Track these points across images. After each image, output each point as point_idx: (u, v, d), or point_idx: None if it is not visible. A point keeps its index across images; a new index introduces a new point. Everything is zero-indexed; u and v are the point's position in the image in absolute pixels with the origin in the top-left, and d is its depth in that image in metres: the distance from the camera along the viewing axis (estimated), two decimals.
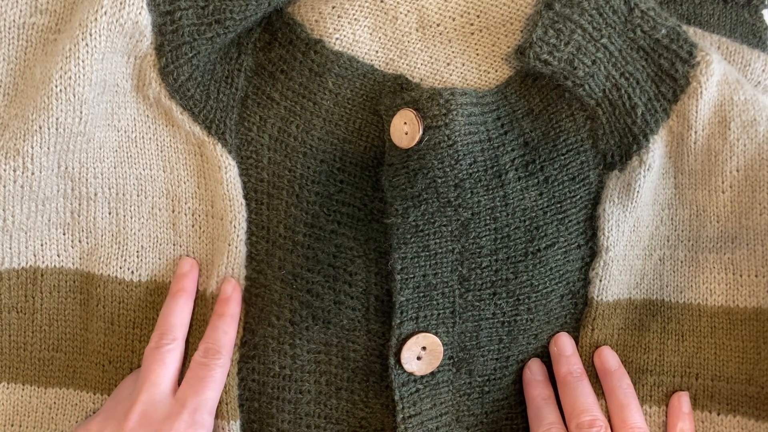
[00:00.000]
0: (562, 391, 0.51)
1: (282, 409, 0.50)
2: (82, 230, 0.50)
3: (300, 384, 0.50)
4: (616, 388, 0.51)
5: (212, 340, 0.49)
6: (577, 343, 0.52)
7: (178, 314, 0.50)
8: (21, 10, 0.48)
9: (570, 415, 0.49)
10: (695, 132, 0.48)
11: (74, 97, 0.46)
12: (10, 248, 0.49)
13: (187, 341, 0.50)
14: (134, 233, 0.50)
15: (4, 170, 0.46)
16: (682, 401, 0.51)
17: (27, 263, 0.50)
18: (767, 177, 0.49)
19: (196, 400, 0.47)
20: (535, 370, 0.52)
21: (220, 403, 0.49)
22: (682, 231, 0.52)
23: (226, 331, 0.49)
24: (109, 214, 0.50)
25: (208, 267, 0.51)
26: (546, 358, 0.52)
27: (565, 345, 0.52)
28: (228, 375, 0.49)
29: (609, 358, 0.52)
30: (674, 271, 0.53)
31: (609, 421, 0.50)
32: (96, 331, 0.50)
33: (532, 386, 0.51)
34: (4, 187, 0.47)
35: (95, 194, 0.49)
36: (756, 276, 0.51)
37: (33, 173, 0.47)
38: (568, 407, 0.50)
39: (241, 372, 0.50)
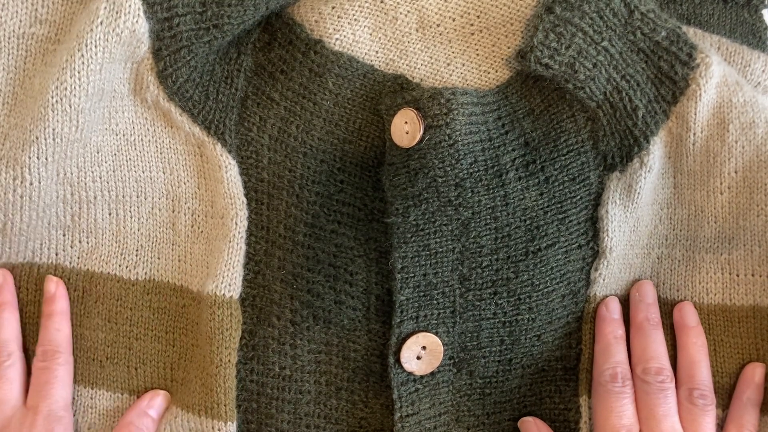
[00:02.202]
0: (635, 336, 0.51)
1: (281, 410, 0.50)
2: (83, 232, 0.50)
3: (300, 384, 0.51)
4: (691, 344, 0.51)
5: (47, 341, 0.49)
6: (579, 341, 0.52)
7: (7, 328, 0.49)
8: (21, 21, 0.47)
9: (638, 360, 0.50)
10: (694, 134, 0.49)
11: (70, 107, 0.45)
12: (9, 249, 0.49)
13: (175, 343, 0.51)
14: (133, 232, 0.50)
15: (5, 179, 0.46)
16: (757, 371, 0.52)
17: (25, 259, 0.50)
18: (765, 179, 0.49)
19: (47, 404, 0.48)
20: (612, 307, 0.52)
21: (217, 404, 0.49)
22: (680, 231, 0.52)
23: (58, 328, 0.49)
24: (110, 215, 0.50)
25: (207, 267, 0.51)
26: (552, 362, 0.53)
27: (647, 292, 0.52)
28: (227, 377, 0.49)
29: (689, 314, 0.52)
30: (671, 270, 0.53)
31: (676, 375, 0.51)
32: (94, 328, 0.51)
33: (606, 323, 0.51)
34: (5, 194, 0.47)
35: (95, 197, 0.49)
36: (753, 275, 0.52)
37: (32, 183, 0.47)
38: (638, 351, 0.51)
39: (239, 373, 0.50)
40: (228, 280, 0.49)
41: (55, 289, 0.50)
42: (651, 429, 0.48)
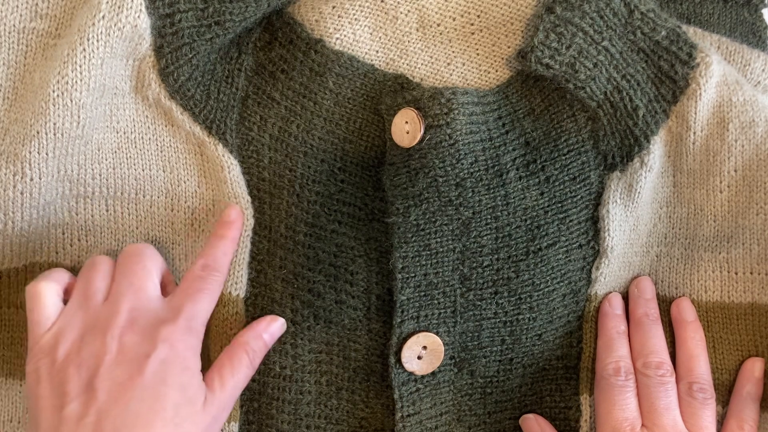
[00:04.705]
0: (635, 331, 0.52)
1: (282, 410, 0.50)
2: (81, 228, 0.50)
3: (300, 384, 0.50)
4: (689, 338, 0.52)
5: (212, 258, 0.48)
6: (579, 340, 0.53)
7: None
8: (21, 15, 0.47)
9: (638, 354, 0.51)
10: (694, 133, 0.49)
11: (71, 102, 0.45)
12: (11, 251, 0.49)
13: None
14: (132, 231, 0.50)
15: (5, 174, 0.46)
16: (757, 366, 0.52)
17: (27, 261, 0.49)
18: (764, 177, 0.49)
19: (193, 308, 0.45)
20: (615, 303, 0.52)
21: None
22: (680, 229, 0.52)
23: (225, 252, 0.48)
24: (107, 211, 0.50)
25: None
26: (553, 361, 0.53)
27: (646, 288, 0.53)
28: None
29: (687, 310, 0.53)
30: (670, 268, 0.53)
31: (675, 370, 0.51)
32: None
33: (609, 318, 0.52)
34: (5, 191, 0.46)
35: (93, 193, 0.49)
36: (751, 273, 0.52)
37: (32, 179, 0.46)
38: (638, 346, 0.51)
39: None
40: (234, 279, 0.49)
41: (236, 217, 0.48)
42: (653, 422, 0.48)
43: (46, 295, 0.45)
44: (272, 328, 0.49)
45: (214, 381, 0.45)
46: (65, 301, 0.46)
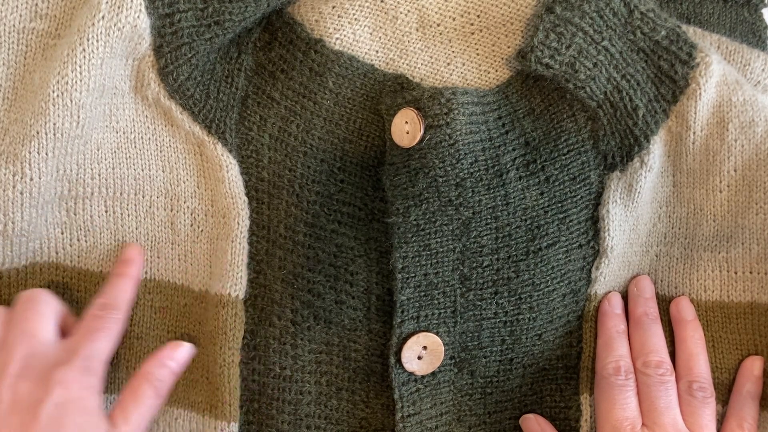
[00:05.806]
0: (634, 330, 0.52)
1: (282, 410, 0.50)
2: (80, 228, 0.50)
3: (301, 385, 0.50)
4: (689, 337, 0.52)
5: (110, 296, 0.48)
6: (579, 340, 0.53)
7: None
8: (21, 15, 0.47)
9: (638, 353, 0.51)
10: (694, 133, 0.49)
11: (71, 102, 0.45)
12: (11, 252, 0.48)
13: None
14: (131, 231, 0.50)
15: (4, 174, 0.46)
16: (756, 364, 0.52)
17: (27, 261, 0.49)
18: (764, 177, 0.49)
19: (89, 348, 0.45)
20: (614, 302, 0.52)
21: (222, 403, 0.49)
22: (679, 229, 0.52)
23: (125, 289, 0.48)
24: (106, 212, 0.50)
25: (210, 266, 0.50)
26: (553, 360, 0.53)
27: (645, 287, 0.53)
28: (231, 377, 0.49)
29: (686, 309, 0.53)
30: (669, 268, 0.53)
31: (675, 369, 0.51)
32: None
33: (609, 317, 0.52)
34: (4, 191, 0.46)
35: (92, 193, 0.49)
36: (750, 272, 0.52)
37: (32, 179, 0.46)
38: (638, 345, 0.51)
39: (241, 373, 0.50)
40: (233, 279, 0.49)
41: (136, 255, 0.49)
42: (653, 421, 0.48)
43: None
44: (177, 354, 0.48)
45: (117, 417, 0.45)
46: None
